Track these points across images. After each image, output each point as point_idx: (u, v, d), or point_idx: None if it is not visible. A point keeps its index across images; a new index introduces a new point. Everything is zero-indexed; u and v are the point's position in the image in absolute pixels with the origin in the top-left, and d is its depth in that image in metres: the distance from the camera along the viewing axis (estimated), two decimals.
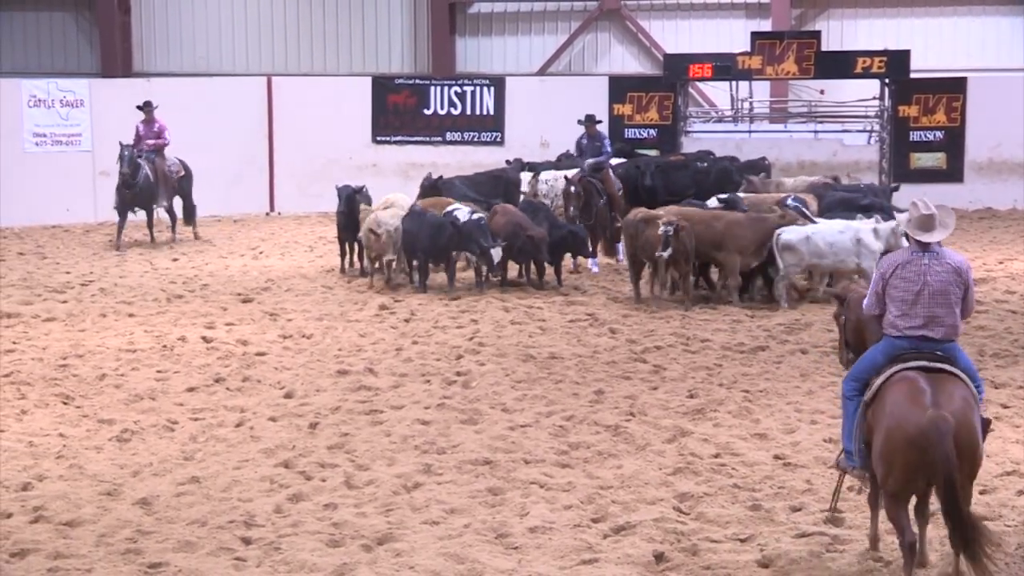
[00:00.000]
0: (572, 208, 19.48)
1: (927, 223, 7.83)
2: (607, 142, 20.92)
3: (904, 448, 7.32)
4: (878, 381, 7.70)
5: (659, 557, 8.22)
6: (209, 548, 8.44)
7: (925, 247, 7.82)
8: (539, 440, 10.82)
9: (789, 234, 16.47)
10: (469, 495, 9.46)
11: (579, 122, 21.22)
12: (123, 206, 22.31)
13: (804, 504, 9.15)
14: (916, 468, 7.34)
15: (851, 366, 8.51)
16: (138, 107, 23.14)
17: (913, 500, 7.78)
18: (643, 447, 10.63)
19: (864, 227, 16.52)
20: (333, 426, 11.33)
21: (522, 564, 8.16)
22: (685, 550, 8.34)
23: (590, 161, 20.00)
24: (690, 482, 9.71)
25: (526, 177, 23.65)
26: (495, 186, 22.58)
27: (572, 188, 19.45)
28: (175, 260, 21.26)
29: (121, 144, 22.29)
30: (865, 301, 8.12)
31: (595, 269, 19.55)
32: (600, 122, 21.71)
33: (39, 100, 25.89)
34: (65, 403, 12.15)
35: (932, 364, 7.60)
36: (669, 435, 10.94)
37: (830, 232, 16.52)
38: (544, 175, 23.61)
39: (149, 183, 22.33)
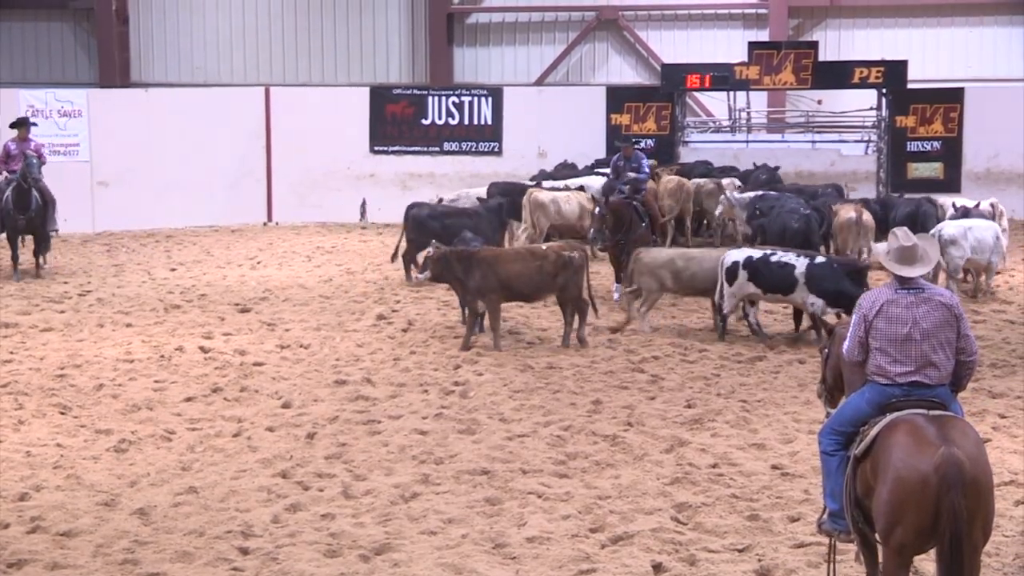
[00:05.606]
0: (597, 231, 18.04)
1: (908, 255, 7.05)
2: (645, 163, 20.15)
3: (918, 493, 6.45)
4: (872, 432, 6.85)
5: (657, 567, 8.21)
6: (206, 558, 8.43)
7: (907, 282, 7.04)
8: (537, 450, 10.81)
9: (951, 229, 17.42)
10: (467, 505, 9.45)
11: (616, 144, 20.85)
12: (15, 232, 20.24)
13: (802, 514, 9.15)
14: (931, 516, 6.45)
15: (826, 401, 8.01)
16: (11, 125, 20.71)
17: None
18: (641, 457, 10.63)
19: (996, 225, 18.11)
20: (331, 436, 11.32)
21: (520, 574, 8.16)
22: (683, 560, 8.34)
23: (630, 175, 19.52)
24: (688, 492, 9.71)
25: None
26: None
27: (597, 210, 18.79)
28: (173, 270, 21.24)
29: (25, 153, 19.91)
30: (845, 345, 7.27)
31: (617, 295, 18.02)
32: (638, 143, 21.22)
33: (37, 110, 25.86)
34: (62, 413, 12.13)
35: (930, 412, 6.82)
36: (667, 445, 10.94)
37: (984, 227, 17.65)
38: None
39: (39, 207, 20.15)
